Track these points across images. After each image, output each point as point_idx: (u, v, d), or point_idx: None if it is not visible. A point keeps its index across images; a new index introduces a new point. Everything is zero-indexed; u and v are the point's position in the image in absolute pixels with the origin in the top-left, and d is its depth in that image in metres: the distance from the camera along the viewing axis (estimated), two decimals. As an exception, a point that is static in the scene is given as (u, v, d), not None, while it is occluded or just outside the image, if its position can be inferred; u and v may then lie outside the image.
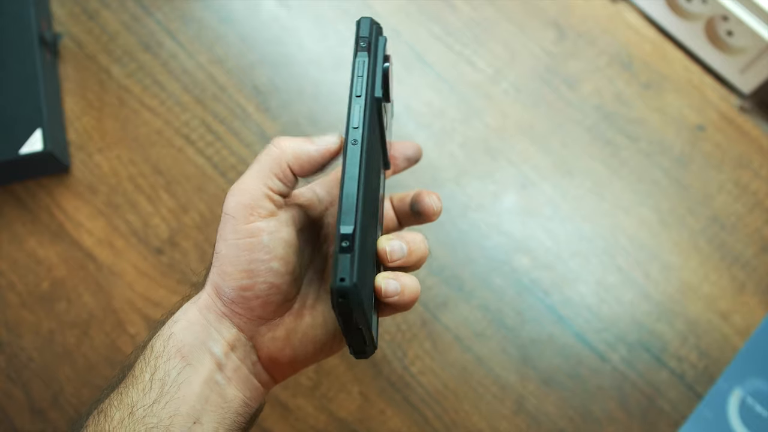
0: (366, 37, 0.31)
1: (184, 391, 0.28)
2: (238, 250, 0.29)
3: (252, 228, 0.29)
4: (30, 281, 0.50)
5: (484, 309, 0.51)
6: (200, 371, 0.28)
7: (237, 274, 0.29)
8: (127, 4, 0.57)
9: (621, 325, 0.51)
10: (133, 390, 0.28)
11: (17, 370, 0.48)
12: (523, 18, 0.59)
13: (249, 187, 0.30)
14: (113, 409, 0.27)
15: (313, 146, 0.31)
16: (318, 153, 0.31)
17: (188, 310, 0.30)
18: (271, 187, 0.30)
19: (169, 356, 0.28)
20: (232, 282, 0.29)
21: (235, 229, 0.29)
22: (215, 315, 0.30)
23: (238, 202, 0.29)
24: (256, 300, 0.29)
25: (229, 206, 0.30)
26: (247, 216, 0.29)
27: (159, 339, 0.29)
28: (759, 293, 0.52)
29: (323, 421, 0.47)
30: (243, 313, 0.30)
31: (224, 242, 0.29)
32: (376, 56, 0.31)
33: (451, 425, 0.48)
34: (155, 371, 0.28)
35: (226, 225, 0.29)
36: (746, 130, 0.57)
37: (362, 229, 0.27)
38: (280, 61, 0.56)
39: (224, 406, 0.29)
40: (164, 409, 0.27)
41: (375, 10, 0.59)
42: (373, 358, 0.49)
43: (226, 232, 0.29)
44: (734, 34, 0.59)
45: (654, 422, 0.48)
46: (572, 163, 0.55)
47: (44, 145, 0.48)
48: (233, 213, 0.29)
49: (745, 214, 0.54)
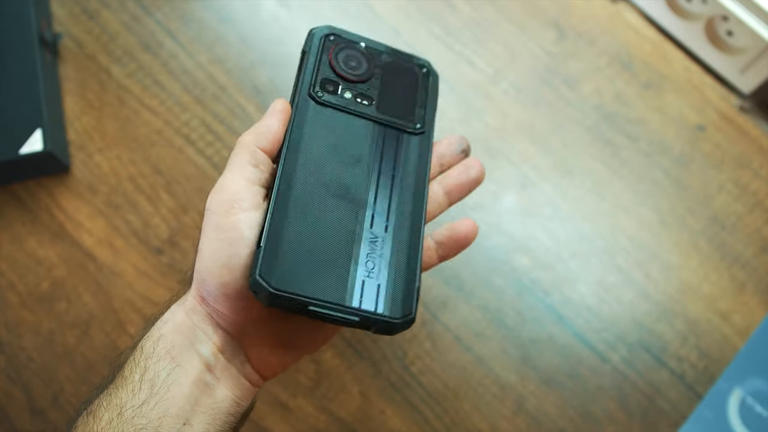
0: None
1: (173, 392, 0.28)
2: (219, 245, 0.29)
3: (233, 221, 0.29)
4: (30, 281, 0.50)
5: (484, 309, 0.51)
6: (190, 372, 0.28)
7: (217, 271, 0.29)
8: (127, 4, 0.57)
9: (621, 325, 0.51)
10: (122, 391, 0.28)
11: (17, 370, 0.48)
12: (523, 18, 0.59)
13: (227, 182, 0.30)
14: (102, 410, 0.27)
15: (268, 119, 0.32)
16: (276, 121, 0.32)
17: (176, 312, 0.30)
18: (247, 177, 0.30)
19: (158, 357, 0.28)
20: (213, 279, 0.29)
21: (217, 224, 0.29)
22: (200, 317, 0.30)
23: (219, 199, 0.29)
24: (237, 298, 0.29)
25: (210, 203, 0.30)
26: (227, 210, 0.29)
27: (149, 340, 0.29)
28: (759, 293, 0.52)
29: (323, 421, 0.47)
30: (227, 313, 0.29)
31: (206, 239, 0.29)
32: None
33: (451, 425, 0.48)
34: (145, 372, 0.28)
35: (208, 222, 0.29)
36: (746, 130, 0.57)
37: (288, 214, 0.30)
38: (280, 61, 0.56)
39: (214, 406, 0.29)
40: (153, 410, 0.27)
41: (375, 10, 0.59)
42: (373, 359, 0.49)
43: (207, 228, 0.29)
44: (734, 34, 0.59)
45: (654, 422, 0.48)
46: (572, 163, 0.55)
47: (44, 145, 0.48)
48: (214, 209, 0.29)
49: (745, 214, 0.54)
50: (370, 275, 0.30)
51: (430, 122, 0.36)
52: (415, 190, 0.34)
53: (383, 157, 0.34)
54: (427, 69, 0.38)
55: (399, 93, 0.36)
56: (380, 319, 0.29)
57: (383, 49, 0.37)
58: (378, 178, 0.33)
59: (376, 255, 0.31)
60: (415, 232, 0.33)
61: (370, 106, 0.35)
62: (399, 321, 0.30)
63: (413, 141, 0.35)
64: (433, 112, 0.37)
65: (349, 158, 0.33)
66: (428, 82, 0.37)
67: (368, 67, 0.36)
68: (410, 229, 0.32)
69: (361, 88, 0.35)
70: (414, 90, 0.37)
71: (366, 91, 0.35)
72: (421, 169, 0.34)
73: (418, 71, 0.38)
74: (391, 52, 0.37)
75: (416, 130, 0.35)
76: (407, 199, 0.33)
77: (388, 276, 0.30)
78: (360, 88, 0.35)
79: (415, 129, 0.35)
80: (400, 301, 0.30)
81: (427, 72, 0.38)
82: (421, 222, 0.33)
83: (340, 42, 0.36)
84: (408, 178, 0.34)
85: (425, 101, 0.37)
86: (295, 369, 0.48)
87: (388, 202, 0.33)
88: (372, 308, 0.29)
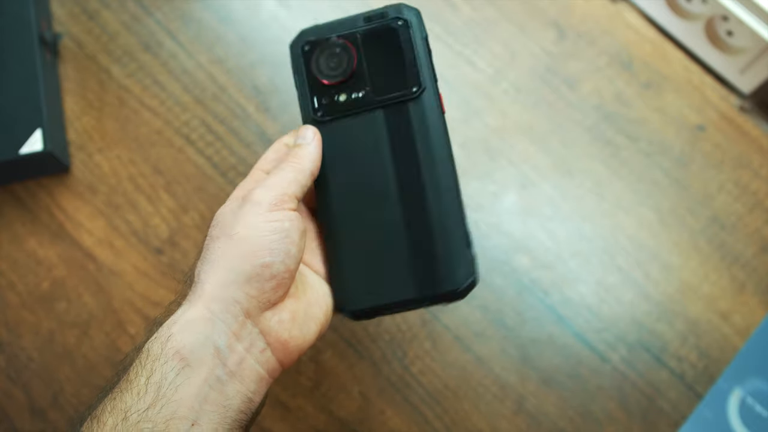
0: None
1: (181, 393, 0.27)
2: (264, 230, 0.31)
3: (276, 214, 0.32)
4: (30, 281, 0.50)
5: (484, 309, 0.51)
6: (200, 370, 0.28)
7: (260, 252, 0.30)
8: (127, 4, 0.57)
9: (621, 325, 0.51)
10: (127, 394, 0.27)
11: (17, 370, 0.48)
12: (523, 18, 0.59)
13: (279, 184, 0.33)
14: (106, 415, 0.27)
15: (315, 148, 0.35)
16: (317, 150, 0.35)
17: (188, 309, 0.30)
18: (296, 192, 0.33)
19: (166, 358, 0.28)
20: (255, 259, 0.30)
21: (260, 213, 0.31)
22: (222, 304, 0.30)
23: (268, 195, 0.32)
24: (271, 280, 0.31)
25: (256, 196, 0.32)
26: (273, 205, 0.32)
27: (156, 341, 0.29)
28: (759, 293, 0.52)
29: (323, 421, 0.47)
30: (256, 294, 0.30)
31: (245, 225, 0.31)
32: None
33: (451, 425, 0.48)
34: (151, 374, 0.28)
35: (250, 211, 0.32)
36: (746, 130, 0.57)
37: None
38: (280, 61, 0.56)
39: (225, 404, 0.29)
40: (160, 413, 0.27)
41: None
42: (373, 358, 0.49)
43: (248, 216, 0.31)
44: (734, 34, 0.59)
45: (654, 422, 0.48)
46: (572, 163, 0.55)
47: (44, 145, 0.48)
48: (259, 200, 0.32)
49: (745, 214, 0.54)
50: (423, 257, 0.32)
51: (427, 75, 0.35)
52: (437, 155, 0.34)
53: (398, 139, 0.34)
54: (403, 20, 0.36)
55: (386, 65, 0.35)
56: (446, 294, 0.32)
57: (357, 25, 0.36)
58: (399, 164, 0.34)
59: (422, 236, 0.32)
60: (450, 198, 0.33)
61: (366, 95, 0.35)
62: (462, 289, 0.32)
63: (419, 105, 0.34)
64: (426, 60, 0.35)
65: (369, 158, 0.34)
66: (409, 34, 0.35)
67: (348, 58, 0.35)
68: (443, 198, 0.33)
69: (351, 84, 0.35)
70: (399, 52, 0.35)
71: (357, 84, 0.35)
72: (434, 131, 0.34)
73: (396, 27, 0.36)
74: (363, 22, 0.36)
75: (415, 93, 0.34)
76: (433, 169, 0.33)
77: (438, 251, 0.32)
78: (350, 85, 0.35)
79: (413, 93, 0.34)
80: (456, 270, 0.32)
81: (404, 23, 0.35)
82: (452, 184, 0.33)
83: (316, 45, 0.36)
84: (427, 146, 0.34)
85: (413, 55, 0.35)
86: (295, 369, 0.48)
87: (418, 180, 0.33)
88: (434, 289, 0.32)
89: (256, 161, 0.54)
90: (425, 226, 0.33)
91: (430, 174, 0.33)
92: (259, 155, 0.53)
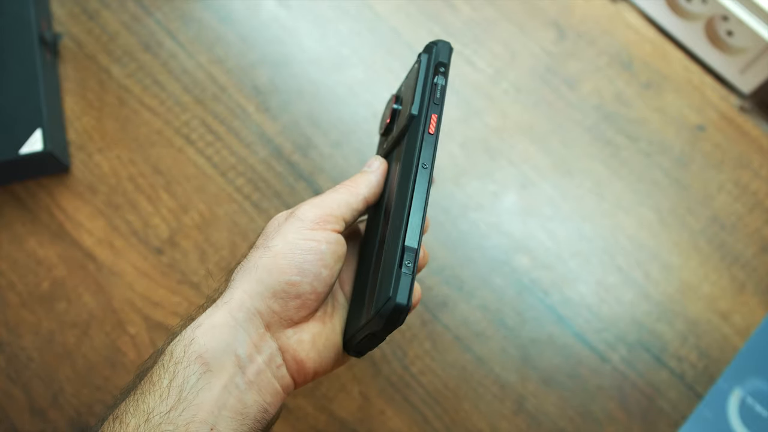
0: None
1: (202, 398, 0.28)
2: (298, 248, 0.31)
3: (316, 234, 0.31)
4: (30, 281, 0.50)
5: (484, 309, 0.51)
6: (221, 376, 0.28)
7: (289, 269, 0.30)
8: (127, 4, 0.57)
9: (621, 325, 0.51)
10: (150, 396, 0.27)
11: (17, 370, 0.48)
12: (523, 18, 0.59)
13: (327, 203, 0.33)
14: (129, 416, 0.27)
15: (375, 176, 0.35)
16: (377, 179, 0.35)
17: (214, 314, 0.30)
18: (345, 215, 0.33)
19: (189, 362, 0.28)
20: (282, 276, 0.30)
21: (300, 230, 0.31)
22: (246, 314, 0.30)
23: (313, 212, 0.32)
24: (296, 299, 0.31)
25: (301, 211, 0.32)
26: (315, 224, 0.32)
27: (179, 344, 0.29)
28: (759, 293, 0.52)
29: (323, 421, 0.47)
30: (278, 310, 0.30)
31: (283, 239, 0.31)
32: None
33: (451, 425, 0.48)
34: (174, 377, 0.28)
35: (291, 225, 0.31)
36: (746, 130, 0.57)
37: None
38: (280, 61, 0.56)
39: (243, 411, 0.29)
40: (181, 416, 0.27)
41: (375, 10, 0.59)
42: (373, 358, 0.49)
43: (289, 231, 0.31)
44: (734, 34, 0.59)
45: (654, 422, 0.48)
46: (572, 163, 0.55)
47: (44, 145, 0.48)
48: (303, 217, 0.32)
49: (745, 214, 0.54)
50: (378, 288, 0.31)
51: (419, 101, 0.33)
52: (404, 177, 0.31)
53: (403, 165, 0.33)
54: (420, 54, 0.34)
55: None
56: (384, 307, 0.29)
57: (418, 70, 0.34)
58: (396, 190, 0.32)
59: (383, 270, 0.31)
60: (400, 219, 0.30)
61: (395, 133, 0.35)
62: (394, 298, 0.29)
63: (410, 130, 0.33)
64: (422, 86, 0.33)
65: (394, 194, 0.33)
66: (420, 65, 0.34)
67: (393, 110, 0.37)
68: (398, 218, 0.31)
69: (390, 128, 0.37)
70: (414, 87, 0.34)
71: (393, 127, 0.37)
72: (408, 153, 0.32)
73: (417, 65, 0.34)
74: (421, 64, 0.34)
75: (408, 120, 0.33)
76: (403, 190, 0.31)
77: (383, 277, 0.30)
78: (389, 128, 0.37)
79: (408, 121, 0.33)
80: (389, 287, 0.29)
81: (419, 57, 0.34)
82: (406, 203, 0.30)
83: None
84: (407, 168, 0.32)
85: (414, 84, 0.33)
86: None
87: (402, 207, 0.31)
88: (376, 307, 0.30)
89: (256, 161, 0.54)
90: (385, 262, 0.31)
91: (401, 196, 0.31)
92: (259, 155, 0.53)
